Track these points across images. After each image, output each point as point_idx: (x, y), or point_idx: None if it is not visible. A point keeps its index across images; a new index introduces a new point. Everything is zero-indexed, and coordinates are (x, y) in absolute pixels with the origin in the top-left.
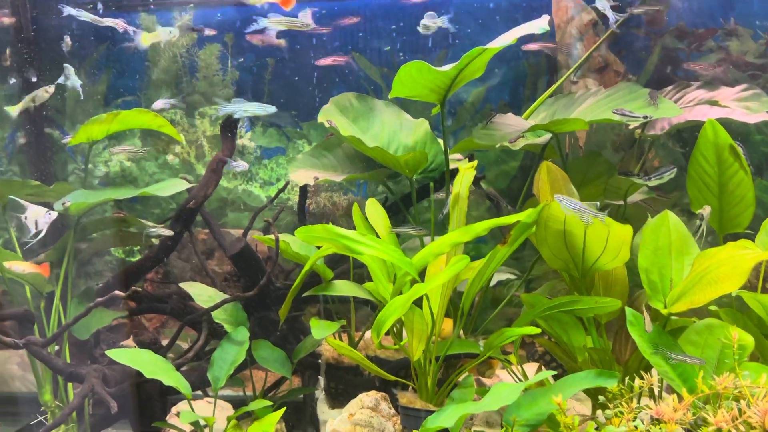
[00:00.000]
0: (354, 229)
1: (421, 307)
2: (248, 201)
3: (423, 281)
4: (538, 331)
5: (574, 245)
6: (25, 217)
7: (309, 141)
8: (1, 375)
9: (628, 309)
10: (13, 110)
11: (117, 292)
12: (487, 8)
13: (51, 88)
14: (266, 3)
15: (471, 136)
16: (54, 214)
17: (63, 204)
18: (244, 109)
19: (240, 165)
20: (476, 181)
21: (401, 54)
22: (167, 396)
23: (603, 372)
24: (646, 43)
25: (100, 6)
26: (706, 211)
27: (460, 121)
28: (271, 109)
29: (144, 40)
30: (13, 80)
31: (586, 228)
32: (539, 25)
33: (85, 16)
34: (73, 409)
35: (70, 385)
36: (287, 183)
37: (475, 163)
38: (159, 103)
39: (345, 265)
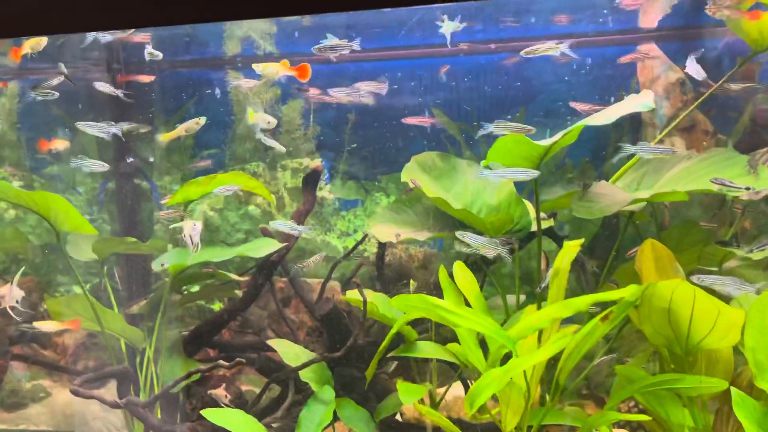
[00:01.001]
0: (435, 283)
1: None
2: (326, 251)
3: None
4: (649, 419)
5: (679, 324)
6: (184, 236)
7: (387, 194)
8: (83, 415)
9: (733, 389)
10: (165, 137)
11: (221, 362)
12: (570, 64)
13: (202, 120)
14: (283, 76)
15: (553, 194)
16: (199, 224)
17: (162, 265)
18: (502, 173)
19: (300, 229)
20: (558, 240)
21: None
22: None
23: None
24: (736, 102)
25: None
26: None
27: (541, 177)
28: (534, 173)
29: (250, 118)
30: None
31: (693, 309)
32: (644, 102)
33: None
34: None
35: None
36: (365, 235)
37: (581, 241)
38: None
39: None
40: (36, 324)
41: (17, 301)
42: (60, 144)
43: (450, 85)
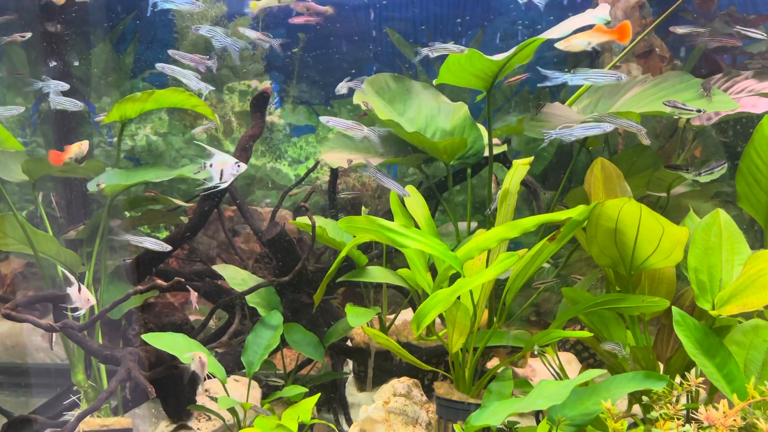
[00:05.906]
0: (387, 209)
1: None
2: (276, 179)
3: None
4: (590, 335)
5: (625, 244)
6: (210, 165)
7: None
8: (25, 346)
9: (674, 308)
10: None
11: (159, 281)
12: None
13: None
14: None
15: (508, 121)
16: (243, 166)
17: (98, 185)
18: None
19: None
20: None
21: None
22: (198, 379)
23: (651, 374)
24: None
25: None
26: None
27: (496, 102)
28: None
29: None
30: (53, 63)
31: (639, 227)
32: (599, 15)
33: None
34: (110, 393)
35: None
36: (317, 163)
37: (530, 159)
38: None
39: (378, 250)
40: None
41: None
42: None
43: (407, 5)
